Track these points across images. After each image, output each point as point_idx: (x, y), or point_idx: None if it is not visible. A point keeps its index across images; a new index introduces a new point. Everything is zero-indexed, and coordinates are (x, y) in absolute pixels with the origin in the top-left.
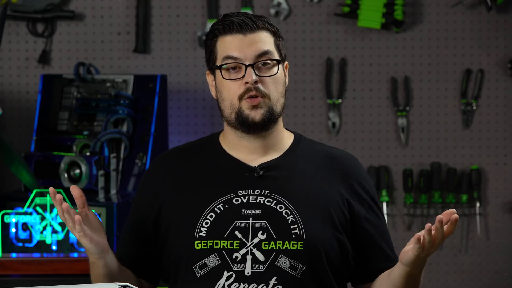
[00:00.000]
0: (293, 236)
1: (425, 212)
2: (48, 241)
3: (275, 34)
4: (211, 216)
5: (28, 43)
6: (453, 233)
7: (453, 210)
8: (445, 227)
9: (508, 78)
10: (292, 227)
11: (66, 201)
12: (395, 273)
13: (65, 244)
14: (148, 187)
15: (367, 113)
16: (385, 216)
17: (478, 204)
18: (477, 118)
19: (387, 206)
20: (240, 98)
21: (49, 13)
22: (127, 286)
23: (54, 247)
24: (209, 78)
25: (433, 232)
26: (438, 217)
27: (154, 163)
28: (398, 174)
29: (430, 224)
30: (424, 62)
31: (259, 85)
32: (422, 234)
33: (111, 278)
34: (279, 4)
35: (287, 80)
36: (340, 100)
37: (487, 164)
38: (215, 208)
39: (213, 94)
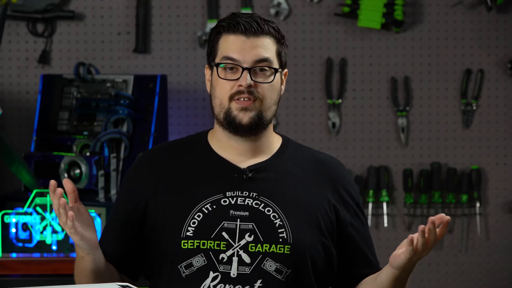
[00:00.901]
0: (280, 240)
1: (425, 212)
2: (48, 241)
3: (279, 41)
4: (198, 216)
5: (28, 43)
6: (445, 234)
7: (443, 214)
8: (437, 230)
9: (508, 78)
10: (279, 230)
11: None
12: (382, 277)
13: (65, 244)
14: (135, 183)
15: (367, 113)
16: (385, 216)
17: (478, 204)
18: (477, 118)
19: (387, 206)
20: (231, 98)
21: (49, 13)
22: (127, 286)
23: (54, 247)
24: (207, 72)
25: (426, 235)
26: (430, 219)
27: (140, 159)
28: (398, 174)
29: (423, 226)
30: (424, 62)
31: (253, 89)
32: (415, 236)
33: (97, 274)
34: (279, 4)
35: (283, 87)
36: (340, 100)
37: (487, 164)
38: (203, 208)
39: (208, 88)
